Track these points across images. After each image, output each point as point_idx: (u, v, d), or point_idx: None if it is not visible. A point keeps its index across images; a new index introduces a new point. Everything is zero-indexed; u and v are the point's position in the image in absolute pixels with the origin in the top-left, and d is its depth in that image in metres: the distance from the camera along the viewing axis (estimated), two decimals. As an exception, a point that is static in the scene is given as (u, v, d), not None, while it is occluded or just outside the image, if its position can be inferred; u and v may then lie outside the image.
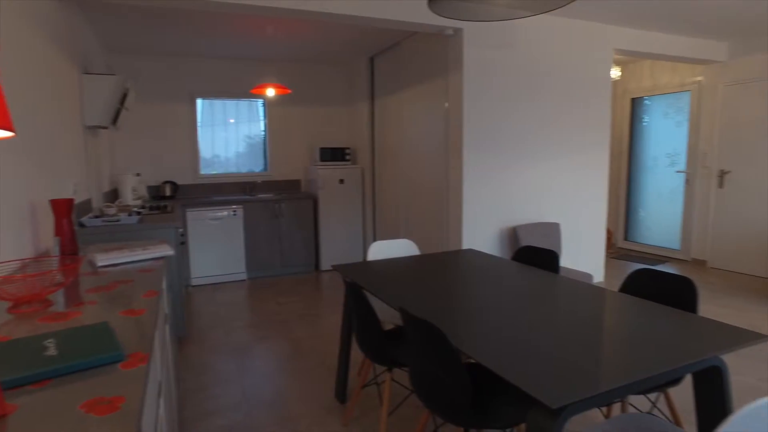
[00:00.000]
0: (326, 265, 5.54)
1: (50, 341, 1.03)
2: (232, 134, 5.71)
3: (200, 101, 5.48)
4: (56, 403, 0.80)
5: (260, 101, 5.76)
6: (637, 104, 6.27)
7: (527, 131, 4.11)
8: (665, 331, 1.58)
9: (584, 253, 4.60)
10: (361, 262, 2.64)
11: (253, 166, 5.84)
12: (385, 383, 2.09)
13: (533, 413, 1.25)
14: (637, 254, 6.15)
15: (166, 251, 2.14)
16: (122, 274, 1.77)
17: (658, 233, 6.14)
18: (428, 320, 1.49)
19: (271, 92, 4.76)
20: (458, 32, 3.77)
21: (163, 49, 4.92)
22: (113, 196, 4.57)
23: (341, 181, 5.51)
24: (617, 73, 5.79)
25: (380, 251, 2.86)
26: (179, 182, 5.43)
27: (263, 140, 5.85)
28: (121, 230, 2.99)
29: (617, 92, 6.41)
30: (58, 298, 1.45)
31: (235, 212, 5.07)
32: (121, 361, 0.96)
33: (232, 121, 5.68)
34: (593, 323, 1.67)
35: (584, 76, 4.34)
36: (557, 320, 1.70)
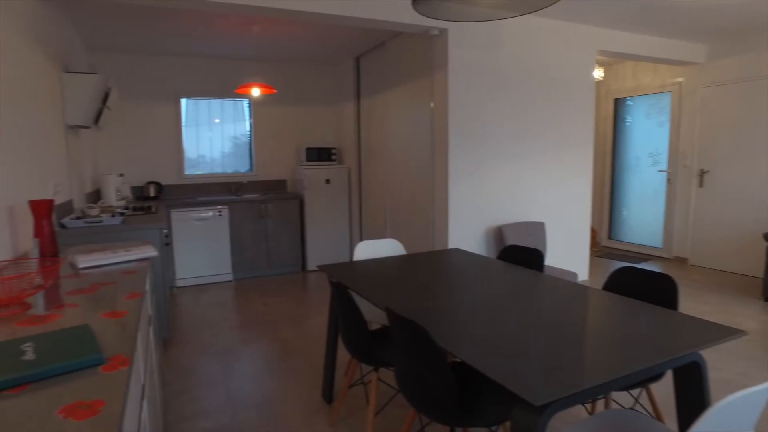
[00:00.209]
0: (313, 265, 5.52)
1: (28, 345, 1.01)
2: (217, 134, 5.66)
3: (185, 101, 5.43)
4: (33, 408, 0.79)
5: (246, 101, 5.72)
6: (620, 105, 6.36)
7: (512, 131, 4.15)
8: (646, 328, 1.61)
9: (569, 251, 4.65)
10: (347, 262, 2.64)
11: (238, 166, 5.79)
12: (371, 383, 2.10)
13: (517, 411, 1.26)
14: (620, 253, 6.24)
15: (149, 252, 2.11)
16: (104, 276, 1.74)
17: (641, 232, 6.24)
18: (413, 320, 1.49)
19: (256, 92, 4.73)
20: (443, 33, 3.78)
21: (146, 48, 4.86)
22: (96, 196, 4.50)
23: (327, 181, 5.50)
24: (600, 74, 5.86)
25: (366, 251, 2.86)
26: (164, 183, 5.36)
27: (249, 140, 5.81)
28: (103, 231, 2.95)
29: (600, 93, 6.50)
30: (37, 300, 1.43)
31: (220, 213, 5.03)
32: (101, 364, 0.95)
33: (217, 121, 5.63)
34: (577, 321, 1.69)
35: (568, 76, 4.39)
36: (542, 318, 1.72)
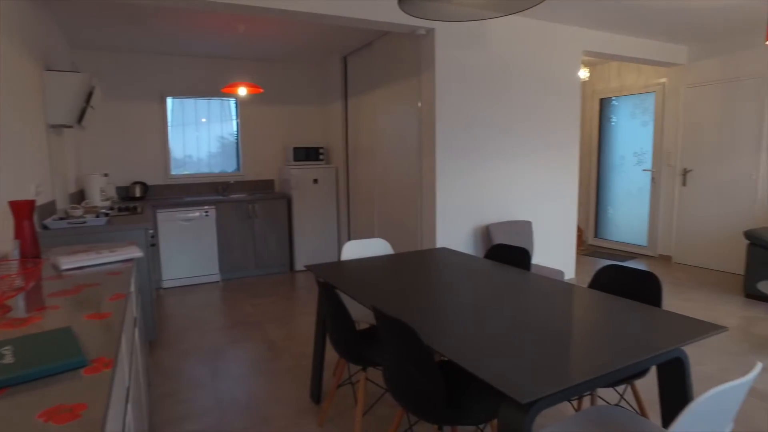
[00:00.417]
0: (301, 265, 5.50)
1: (7, 348, 0.99)
2: (204, 134, 5.61)
3: (170, 100, 5.37)
4: (12, 412, 0.77)
5: (233, 100, 5.68)
6: (605, 104, 6.44)
7: (499, 131, 4.17)
8: (631, 325, 1.63)
9: (556, 250, 4.69)
10: (334, 262, 2.64)
11: (225, 166, 5.75)
12: (359, 383, 2.09)
13: (504, 408, 1.26)
14: (606, 251, 6.32)
15: (134, 253, 2.09)
16: (88, 277, 1.72)
17: (626, 230, 6.32)
18: (401, 319, 1.50)
19: (243, 91, 4.69)
20: (430, 32, 3.79)
21: (131, 46, 4.80)
22: (80, 197, 4.43)
23: (315, 181, 5.48)
24: (586, 74, 5.93)
25: (354, 251, 2.86)
26: (149, 183, 5.30)
27: (236, 140, 5.76)
28: (87, 232, 2.91)
29: (586, 93, 6.57)
30: (17, 303, 1.40)
31: (207, 213, 4.99)
32: (83, 366, 0.94)
33: (204, 120, 5.58)
34: (563, 319, 1.71)
35: (554, 76, 4.42)
36: (528, 317, 1.74)
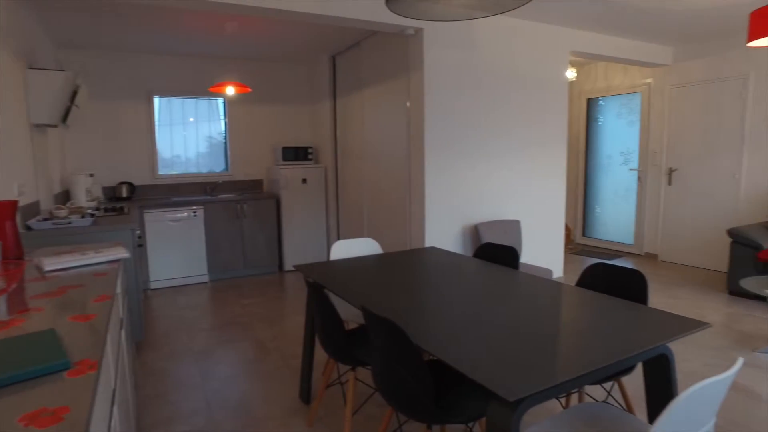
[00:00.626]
0: (290, 265, 5.48)
1: (-10, 351, 0.97)
2: (191, 133, 5.56)
3: (158, 99, 5.32)
4: (-5, 415, 0.76)
5: (220, 100, 5.64)
6: (592, 104, 6.50)
7: (488, 131, 4.19)
8: (617, 322, 1.65)
9: (544, 249, 4.73)
10: (323, 261, 2.63)
11: (213, 166, 5.71)
12: (349, 382, 2.09)
13: (492, 407, 1.27)
14: (594, 249, 6.38)
15: (121, 254, 2.06)
16: (73, 278, 1.69)
17: (613, 229, 6.39)
18: (389, 318, 1.50)
19: (231, 91, 4.66)
20: (419, 32, 3.80)
21: (117, 45, 4.74)
22: (65, 197, 4.37)
23: (304, 180, 5.47)
24: (573, 74, 5.98)
25: (343, 250, 2.85)
26: (136, 183, 5.24)
27: (224, 140, 5.73)
28: (72, 233, 2.87)
29: (573, 93, 6.63)
30: None
31: (195, 213, 4.95)
32: (67, 369, 0.92)
33: (191, 120, 5.54)
34: (551, 317, 1.72)
35: (542, 76, 4.46)
36: (516, 315, 1.75)
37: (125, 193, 5.01)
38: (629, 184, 6.13)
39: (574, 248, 6.46)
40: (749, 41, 2.49)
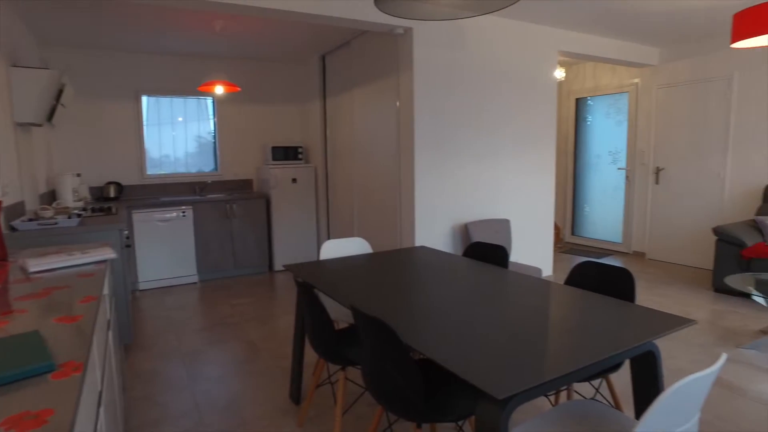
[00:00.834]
0: (280, 265, 5.46)
1: (-28, 354, 0.96)
2: (180, 133, 5.52)
3: (146, 98, 5.26)
4: (-24, 419, 0.75)
5: (209, 99, 5.60)
6: (581, 104, 6.56)
7: (477, 130, 4.21)
8: (605, 320, 1.66)
9: (533, 248, 4.76)
10: (313, 261, 2.63)
11: (203, 165, 5.66)
12: (339, 382, 2.09)
13: (481, 405, 1.28)
14: (583, 248, 6.44)
15: (108, 254, 2.04)
16: (58, 279, 1.67)
17: (602, 228, 6.45)
18: (378, 318, 1.50)
19: (219, 90, 4.63)
20: (408, 32, 3.80)
21: (104, 43, 4.68)
22: (51, 197, 4.31)
23: (294, 180, 5.45)
24: (562, 74, 6.02)
25: (333, 250, 2.85)
26: (124, 183, 5.19)
27: (213, 139, 5.69)
28: (59, 233, 2.83)
29: (562, 92, 6.68)
30: (-17, 307, 1.36)
31: (184, 213, 4.91)
32: (51, 371, 0.91)
33: (180, 119, 5.49)
34: (539, 315, 1.74)
35: (531, 76, 4.49)
36: (505, 314, 1.76)
37: (113, 193, 4.96)
38: (617, 183, 6.19)
39: (563, 247, 6.51)
40: (732, 43, 2.53)
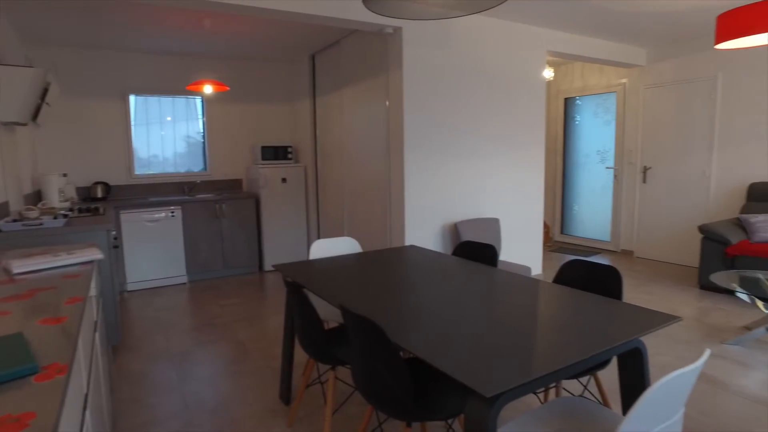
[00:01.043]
0: (270, 265, 5.44)
1: (-47, 357, 0.94)
2: (169, 133, 5.47)
3: (133, 98, 5.21)
4: (-43, 423, 0.74)
5: (198, 99, 5.56)
6: (569, 104, 6.61)
7: (467, 129, 4.23)
8: (592, 318, 1.68)
9: (523, 246, 4.79)
10: (302, 261, 2.62)
11: (192, 165, 5.62)
12: (329, 382, 2.09)
13: (470, 403, 1.29)
14: (572, 247, 6.49)
15: (94, 255, 2.02)
16: (43, 281, 1.65)
17: (591, 226, 6.51)
18: (367, 317, 1.50)
19: (208, 89, 4.60)
20: (398, 31, 3.81)
21: (90, 41, 4.63)
22: (36, 198, 4.25)
23: (284, 180, 5.43)
24: (551, 73, 6.06)
25: (322, 250, 2.84)
26: (112, 183, 5.14)
27: (202, 139, 5.65)
28: (44, 234, 2.80)
29: (551, 92, 6.72)
30: (-34, 309, 1.34)
31: (173, 213, 4.87)
32: (34, 373, 0.90)
33: (169, 119, 5.44)
34: (528, 314, 1.75)
35: (520, 76, 4.51)
36: (494, 312, 1.77)
37: (100, 193, 4.91)
38: (606, 182, 6.25)
39: (552, 245, 6.55)
40: (716, 44, 2.57)
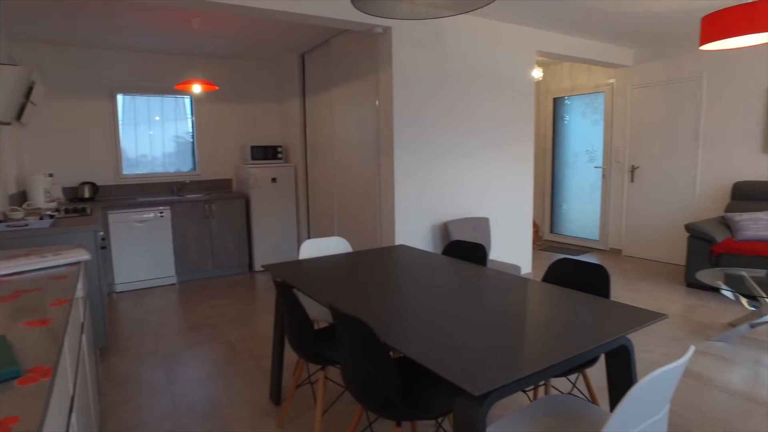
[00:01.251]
0: (260, 265, 5.41)
1: (-66, 360, 0.93)
2: (157, 132, 5.42)
3: (121, 97, 5.16)
4: (-62, 427, 0.73)
5: (187, 98, 5.52)
6: (558, 103, 6.65)
7: (456, 129, 4.24)
8: (580, 316, 1.69)
9: (512, 245, 4.82)
10: (292, 261, 2.61)
11: (181, 165, 5.58)
12: (319, 382, 2.09)
13: (459, 401, 1.29)
14: (561, 245, 6.54)
15: (81, 256, 2.00)
16: (28, 282, 1.63)
17: (580, 225, 6.56)
18: (357, 316, 1.50)
19: (197, 88, 4.57)
20: (387, 31, 3.81)
21: (76, 39, 4.57)
22: (21, 198, 4.19)
23: (274, 179, 5.41)
24: (540, 73, 6.10)
25: (312, 250, 2.84)
26: (100, 183, 5.08)
27: (191, 139, 5.60)
28: (30, 235, 2.76)
29: (540, 92, 6.77)
30: (-52, 312, 1.31)
31: (162, 213, 4.83)
32: (17, 377, 0.89)
33: (157, 118, 5.39)
34: (517, 312, 1.76)
35: (509, 76, 4.53)
36: (483, 311, 1.78)
37: (88, 193, 4.85)
38: (594, 181, 6.30)
39: (542, 245, 6.60)
40: (701, 45, 2.60)
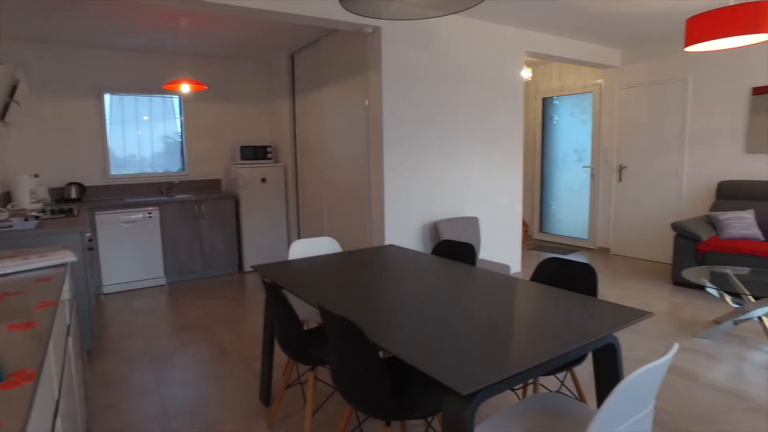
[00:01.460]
0: (250, 266, 5.39)
1: None
2: (146, 132, 5.37)
3: (108, 96, 5.10)
4: None
5: (176, 98, 5.48)
6: (547, 104, 6.70)
7: (446, 129, 4.26)
8: (567, 314, 1.71)
9: (502, 245, 4.85)
10: (281, 261, 2.61)
11: (169, 165, 5.53)
12: (308, 382, 2.08)
13: (447, 401, 1.30)
14: (550, 245, 6.59)
15: (67, 258, 1.98)
16: (12, 284, 1.61)
17: (569, 224, 6.62)
18: (345, 317, 1.50)
19: (186, 88, 4.53)
20: (377, 31, 3.81)
21: (63, 38, 4.52)
22: (5, 199, 4.13)
23: (263, 179, 5.38)
24: (529, 74, 6.14)
25: (302, 250, 2.83)
26: (87, 184, 5.02)
27: (180, 139, 5.56)
28: (14, 237, 2.72)
29: (529, 92, 6.81)
30: (-70, 315, 1.29)
31: (150, 214, 4.79)
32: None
33: (146, 118, 5.35)
34: (505, 311, 1.77)
35: (498, 76, 4.56)
36: (472, 311, 1.79)
37: (74, 194, 4.79)
38: (583, 181, 6.36)
39: (531, 244, 6.65)
40: (686, 46, 2.64)
